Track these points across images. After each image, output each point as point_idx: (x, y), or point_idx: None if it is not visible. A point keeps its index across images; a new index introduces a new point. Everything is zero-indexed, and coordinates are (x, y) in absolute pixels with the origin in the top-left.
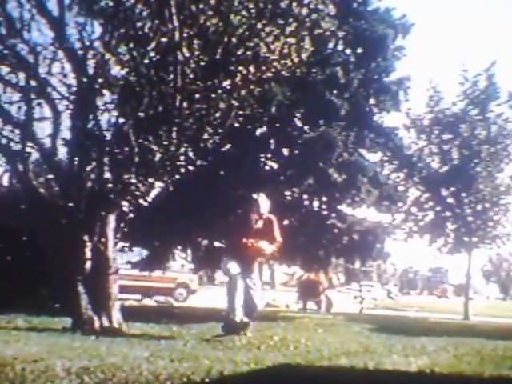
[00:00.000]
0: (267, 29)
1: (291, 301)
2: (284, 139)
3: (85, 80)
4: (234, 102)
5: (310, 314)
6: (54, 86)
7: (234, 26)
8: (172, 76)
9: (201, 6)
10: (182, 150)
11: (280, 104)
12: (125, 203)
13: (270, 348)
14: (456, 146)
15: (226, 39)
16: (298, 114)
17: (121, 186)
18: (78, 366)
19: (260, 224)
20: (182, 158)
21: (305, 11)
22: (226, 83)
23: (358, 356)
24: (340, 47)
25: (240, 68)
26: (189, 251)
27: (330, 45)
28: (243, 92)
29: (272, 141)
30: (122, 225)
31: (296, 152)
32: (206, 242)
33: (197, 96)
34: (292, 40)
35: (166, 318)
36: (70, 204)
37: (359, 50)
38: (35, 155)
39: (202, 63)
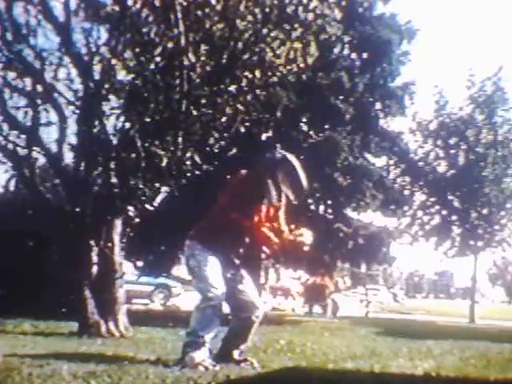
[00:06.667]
0: (273, 34)
1: (297, 305)
2: (289, 144)
3: (91, 85)
4: (239, 106)
5: (316, 317)
6: (61, 92)
7: (239, 31)
8: (178, 81)
9: (206, 10)
10: (188, 154)
11: (285, 108)
12: (131, 208)
13: (277, 352)
14: (462, 150)
15: (231, 44)
16: (303, 119)
17: (127, 190)
18: (85, 370)
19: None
20: (188, 162)
21: (310, 16)
22: (232, 88)
23: (364, 359)
24: (345, 52)
25: (246, 73)
26: None
27: (336, 50)
28: (249, 97)
29: (277, 145)
30: (129, 229)
31: (301, 156)
32: None
33: (203, 101)
34: (298, 45)
35: (172, 322)
36: (77, 209)
37: (365, 55)
38: (42, 160)
39: (208, 68)
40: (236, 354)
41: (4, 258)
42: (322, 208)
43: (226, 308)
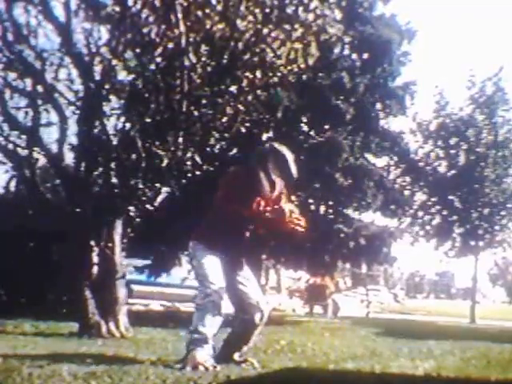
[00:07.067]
0: (273, 34)
1: (298, 305)
2: (290, 144)
3: (92, 85)
4: (240, 107)
5: (317, 318)
6: (61, 92)
7: (240, 32)
8: (179, 81)
9: (207, 11)
10: (189, 154)
11: (286, 109)
12: (132, 208)
13: (277, 352)
14: (463, 151)
15: (232, 44)
16: (304, 119)
17: (128, 191)
18: (85, 370)
19: (275, 194)
20: (188, 162)
21: (311, 16)
22: (233, 88)
23: (365, 360)
24: (346, 52)
25: (246, 73)
26: None
27: (336, 50)
28: (250, 97)
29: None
30: (129, 230)
31: (302, 157)
32: None
33: (203, 101)
34: (298, 45)
35: (172, 323)
36: (77, 209)
37: (365, 55)
38: (42, 161)
39: (209, 68)
40: (237, 355)
41: (4, 259)
42: (322, 208)
43: (229, 308)
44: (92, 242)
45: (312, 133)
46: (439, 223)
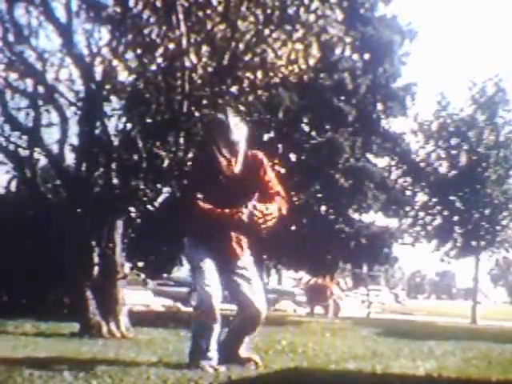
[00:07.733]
0: (274, 35)
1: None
2: (291, 144)
3: (92, 86)
4: (241, 107)
5: (318, 318)
6: (62, 93)
7: (241, 32)
8: (179, 82)
9: (208, 11)
10: (190, 155)
11: (287, 109)
12: (132, 209)
13: (278, 352)
14: (464, 151)
15: (233, 45)
16: (305, 120)
17: (128, 191)
18: (86, 371)
19: (238, 170)
20: (189, 163)
21: (312, 17)
22: (234, 89)
23: (366, 360)
24: (347, 53)
25: (247, 74)
26: None
27: (338, 51)
28: (251, 98)
29: (279, 146)
30: (130, 230)
31: (303, 157)
32: None
33: (204, 102)
34: (299, 46)
35: (173, 323)
36: (78, 210)
37: (366, 56)
38: (43, 161)
39: (210, 69)
40: (242, 350)
41: (5, 259)
42: (323, 209)
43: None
44: (93, 243)
45: (313, 133)
46: (440, 223)
